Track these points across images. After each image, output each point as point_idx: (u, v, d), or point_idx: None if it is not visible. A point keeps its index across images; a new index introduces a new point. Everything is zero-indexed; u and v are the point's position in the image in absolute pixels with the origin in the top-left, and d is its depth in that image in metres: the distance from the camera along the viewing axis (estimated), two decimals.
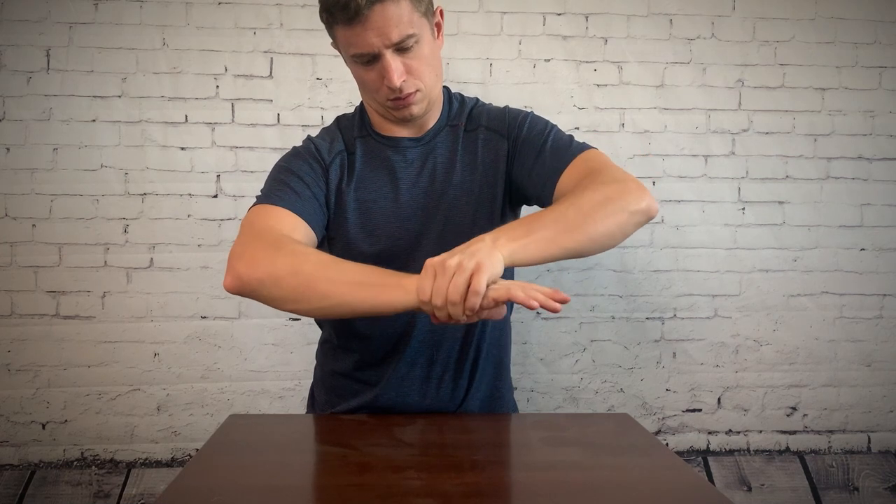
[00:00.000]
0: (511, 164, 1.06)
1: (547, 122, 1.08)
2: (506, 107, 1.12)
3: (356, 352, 1.08)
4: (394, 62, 0.94)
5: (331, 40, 1.02)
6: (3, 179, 1.52)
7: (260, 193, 1.03)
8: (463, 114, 1.10)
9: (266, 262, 0.87)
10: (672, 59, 1.61)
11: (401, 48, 0.94)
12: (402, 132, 1.07)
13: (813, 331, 1.64)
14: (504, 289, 0.80)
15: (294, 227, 0.96)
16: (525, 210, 1.09)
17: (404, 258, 1.03)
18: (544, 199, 1.02)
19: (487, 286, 0.79)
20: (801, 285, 1.64)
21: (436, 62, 1.02)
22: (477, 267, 0.78)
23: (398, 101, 0.98)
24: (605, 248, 0.92)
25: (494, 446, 0.90)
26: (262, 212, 0.97)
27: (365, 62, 0.96)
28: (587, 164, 0.97)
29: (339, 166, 1.05)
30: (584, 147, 1.02)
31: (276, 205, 0.97)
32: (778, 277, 1.64)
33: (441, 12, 1.04)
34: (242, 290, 0.88)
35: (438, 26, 1.03)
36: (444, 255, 0.81)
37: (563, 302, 0.79)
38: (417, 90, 0.98)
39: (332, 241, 1.06)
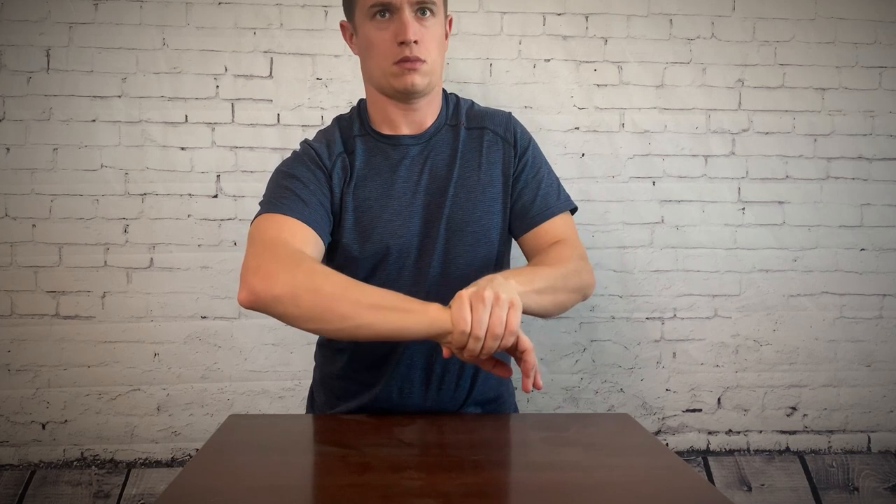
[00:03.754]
0: (513, 178, 1.08)
1: (543, 156, 1.14)
2: (510, 113, 1.13)
3: (353, 353, 1.08)
4: (411, 19, 0.97)
5: (344, 6, 1.07)
6: (3, 179, 1.52)
7: (263, 199, 1.01)
8: (460, 113, 1.11)
9: (284, 279, 0.86)
10: (672, 59, 1.61)
11: (421, 9, 0.99)
12: (403, 129, 1.07)
13: (813, 331, 1.64)
14: (528, 343, 0.84)
15: (305, 240, 0.95)
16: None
17: (406, 257, 1.03)
18: (513, 231, 1.10)
19: None
20: (801, 285, 1.64)
21: (443, 52, 1.06)
22: (512, 303, 0.81)
23: (405, 64, 0.98)
24: (553, 317, 1.04)
25: (495, 446, 0.90)
26: (271, 222, 0.96)
27: (382, 15, 0.98)
28: (561, 230, 1.07)
29: (340, 169, 1.05)
30: (565, 205, 1.09)
31: (284, 213, 0.96)
32: (778, 277, 1.64)
33: (451, 21, 1.10)
34: (257, 305, 0.87)
35: (445, 33, 1.08)
36: (474, 287, 0.84)
37: (535, 386, 0.85)
38: (424, 61, 1.00)
39: (333, 242, 1.05)
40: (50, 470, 1.53)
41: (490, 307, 0.80)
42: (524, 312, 0.87)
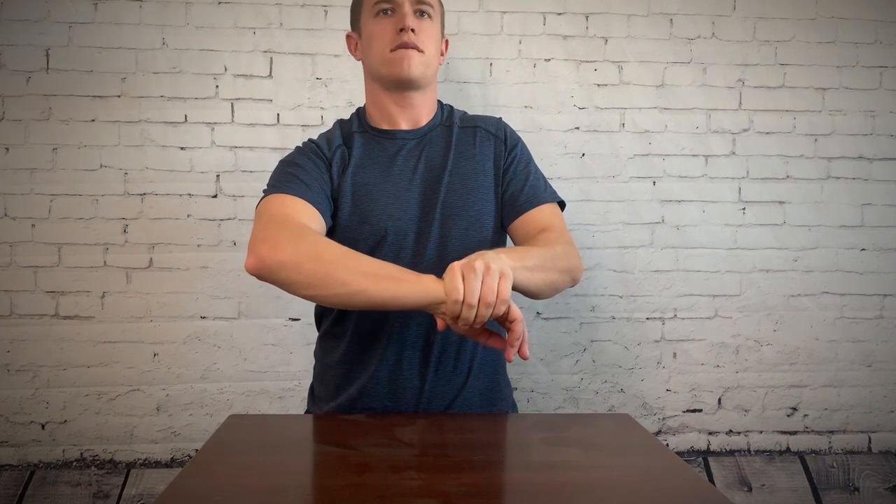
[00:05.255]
0: (503, 170, 1.14)
1: (531, 156, 1.19)
2: (500, 118, 1.20)
3: (353, 336, 1.10)
4: (410, 13, 1.08)
5: (351, 14, 1.17)
6: (3, 179, 1.51)
7: (267, 186, 1.06)
8: (454, 116, 1.19)
9: (289, 247, 0.91)
10: (672, 59, 1.61)
11: (420, 11, 1.09)
12: (401, 124, 1.14)
13: (813, 331, 1.64)
14: (519, 314, 0.88)
15: (309, 217, 1.01)
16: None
17: (403, 240, 1.07)
18: (503, 221, 1.14)
19: None
20: (801, 285, 1.64)
21: (437, 55, 1.14)
22: (502, 273, 0.85)
23: (403, 50, 1.07)
24: (545, 297, 1.04)
25: (494, 446, 0.90)
26: (277, 200, 1.02)
27: (384, 13, 1.09)
28: (549, 218, 1.10)
29: (339, 159, 1.11)
30: (552, 198, 1.14)
31: (289, 194, 1.02)
32: (778, 277, 1.63)
33: (447, 42, 1.21)
34: (262, 271, 0.92)
35: (442, 41, 1.17)
36: (466, 259, 0.87)
37: (521, 355, 0.89)
38: (422, 52, 1.08)
39: (332, 227, 1.09)
40: (49, 470, 1.53)
41: (481, 276, 0.84)
42: (516, 289, 0.91)
